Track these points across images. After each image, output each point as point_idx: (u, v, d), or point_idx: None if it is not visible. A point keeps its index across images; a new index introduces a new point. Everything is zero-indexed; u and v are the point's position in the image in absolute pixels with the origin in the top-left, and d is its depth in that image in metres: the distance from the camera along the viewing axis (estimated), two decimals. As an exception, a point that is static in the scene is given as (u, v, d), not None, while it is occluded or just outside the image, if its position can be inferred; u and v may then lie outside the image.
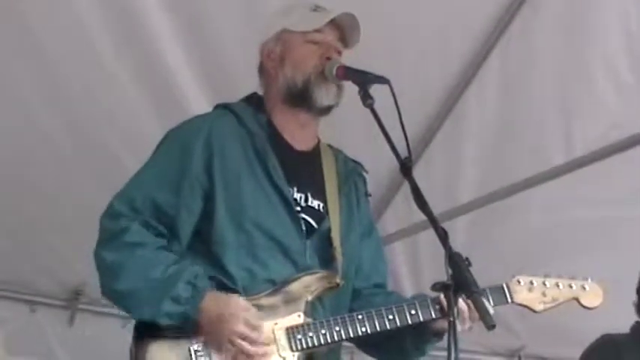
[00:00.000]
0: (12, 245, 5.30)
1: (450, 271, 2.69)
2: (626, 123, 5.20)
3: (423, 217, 2.86)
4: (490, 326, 2.69)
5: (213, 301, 2.95)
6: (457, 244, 2.79)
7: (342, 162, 3.37)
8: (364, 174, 3.43)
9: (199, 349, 2.95)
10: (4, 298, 5.63)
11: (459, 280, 2.69)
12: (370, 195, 3.47)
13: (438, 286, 2.73)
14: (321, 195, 3.23)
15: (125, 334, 3.09)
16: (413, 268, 6.03)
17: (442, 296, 2.96)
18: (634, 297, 4.58)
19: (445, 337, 2.72)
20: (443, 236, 2.77)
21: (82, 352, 5.69)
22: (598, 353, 4.39)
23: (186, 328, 2.95)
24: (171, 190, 3.09)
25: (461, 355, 2.61)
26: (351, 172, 3.38)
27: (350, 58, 3.30)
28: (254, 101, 3.32)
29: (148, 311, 2.96)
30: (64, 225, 5.26)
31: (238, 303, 2.96)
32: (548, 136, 5.38)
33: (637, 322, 4.49)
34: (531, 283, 3.20)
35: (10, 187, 5.02)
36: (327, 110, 3.27)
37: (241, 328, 2.92)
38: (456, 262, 2.71)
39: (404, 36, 4.76)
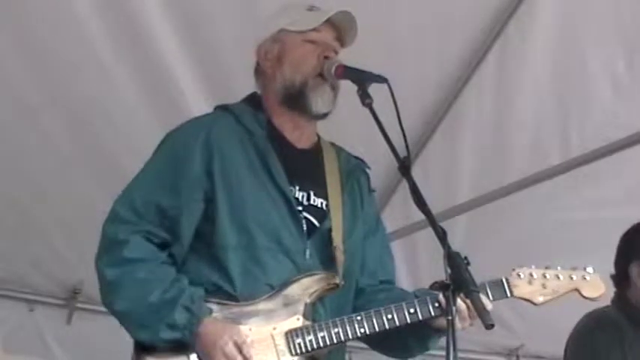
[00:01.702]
0: (10, 244, 5.31)
1: (449, 271, 2.69)
2: (623, 122, 5.21)
3: (421, 216, 2.86)
4: (488, 325, 2.68)
5: (210, 328, 2.95)
6: (455, 243, 2.79)
7: (345, 159, 3.37)
8: (367, 170, 3.43)
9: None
10: (2, 296, 5.63)
11: (458, 279, 2.69)
12: (374, 191, 3.46)
13: (436, 286, 2.73)
14: (323, 193, 3.22)
15: (123, 333, 3.09)
16: (411, 268, 6.03)
17: (442, 297, 2.97)
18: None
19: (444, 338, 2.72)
20: (441, 235, 2.77)
21: (80, 351, 5.69)
22: (600, 331, 4.33)
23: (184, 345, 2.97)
24: (172, 192, 3.09)
25: (460, 355, 2.61)
26: (354, 169, 3.37)
27: (348, 57, 3.31)
28: (253, 101, 3.31)
29: (144, 335, 2.98)
30: (62, 224, 5.27)
31: (234, 332, 2.95)
32: (546, 136, 5.39)
33: (616, 293, 4.47)
34: (531, 275, 3.17)
35: (9, 186, 5.03)
36: (322, 116, 3.26)
37: (232, 346, 2.91)
38: (455, 262, 2.71)
39: (402, 35, 4.76)
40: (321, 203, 3.21)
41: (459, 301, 2.83)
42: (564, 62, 5.03)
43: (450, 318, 2.66)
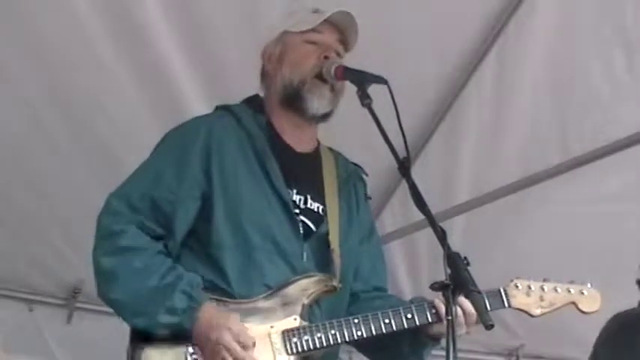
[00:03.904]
0: (10, 244, 5.31)
1: (449, 271, 2.69)
2: (622, 122, 5.21)
3: (420, 216, 2.86)
4: (488, 325, 2.68)
5: (209, 313, 2.94)
6: (455, 243, 2.79)
7: (342, 165, 3.37)
8: (364, 177, 3.43)
9: (194, 351, 2.95)
10: (2, 296, 5.63)
11: (458, 279, 2.69)
12: (370, 198, 3.46)
13: (436, 286, 2.73)
14: (320, 197, 3.22)
15: (123, 332, 3.09)
16: (411, 268, 6.04)
17: (438, 300, 3.00)
18: (633, 294, 4.57)
19: (443, 341, 2.71)
20: (441, 236, 2.76)
21: (80, 351, 5.69)
22: (627, 331, 4.35)
23: (182, 335, 2.95)
24: (169, 188, 3.09)
25: (459, 355, 2.61)
26: (351, 175, 3.37)
27: (348, 57, 3.32)
28: (254, 103, 3.32)
29: (143, 321, 2.96)
30: (62, 224, 5.28)
31: (232, 320, 2.94)
32: (545, 136, 5.39)
33: None
34: (529, 287, 3.18)
35: (9, 185, 5.04)
36: (321, 118, 3.26)
37: (229, 337, 2.90)
38: (455, 262, 2.71)
39: (401, 36, 4.76)
40: (318, 207, 3.21)
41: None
42: (564, 62, 5.04)
43: (450, 318, 2.65)
